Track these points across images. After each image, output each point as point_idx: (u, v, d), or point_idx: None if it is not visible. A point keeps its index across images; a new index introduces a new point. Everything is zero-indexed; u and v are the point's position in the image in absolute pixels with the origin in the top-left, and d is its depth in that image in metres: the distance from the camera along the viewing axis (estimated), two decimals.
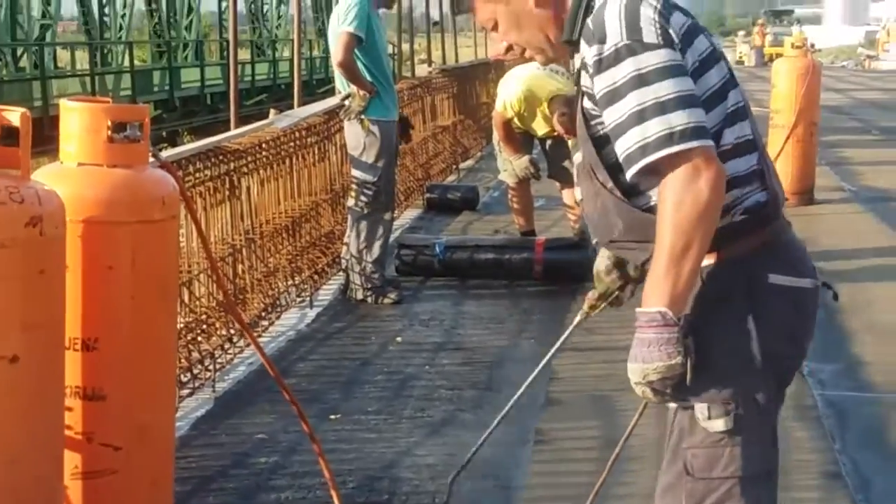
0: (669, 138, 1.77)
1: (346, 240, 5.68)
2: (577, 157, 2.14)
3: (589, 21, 1.90)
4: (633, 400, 2.27)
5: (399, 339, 5.30)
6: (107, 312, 2.60)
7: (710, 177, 1.79)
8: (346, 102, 5.48)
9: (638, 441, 2.52)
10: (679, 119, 1.78)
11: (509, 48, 2.14)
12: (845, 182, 10.17)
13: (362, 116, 5.35)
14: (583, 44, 1.92)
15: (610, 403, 4.15)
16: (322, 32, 22.51)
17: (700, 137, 1.78)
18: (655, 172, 1.81)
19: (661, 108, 1.79)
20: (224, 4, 23.56)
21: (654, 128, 1.79)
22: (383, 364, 4.94)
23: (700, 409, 1.94)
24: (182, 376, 4.11)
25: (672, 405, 1.98)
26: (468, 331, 5.28)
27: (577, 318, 2.63)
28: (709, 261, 1.93)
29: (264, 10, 28.53)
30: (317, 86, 22.86)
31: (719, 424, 1.94)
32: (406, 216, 8.27)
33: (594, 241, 2.25)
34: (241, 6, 23.98)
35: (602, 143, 1.95)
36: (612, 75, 1.83)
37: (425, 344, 5.23)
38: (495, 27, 2.09)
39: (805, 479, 3.67)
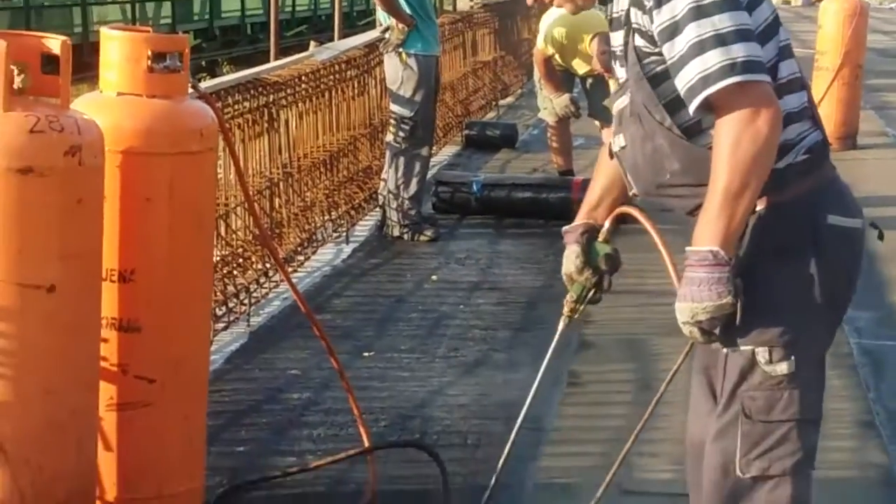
0: (731, 68, 1.79)
1: (383, 175, 5.76)
2: (620, 103, 2.12)
3: None
4: (666, 343, 2.25)
5: (434, 277, 5.32)
6: (144, 244, 2.61)
7: (769, 116, 1.80)
8: (386, 35, 5.53)
9: (671, 385, 2.52)
10: (739, 51, 1.81)
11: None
12: (889, 127, 10.16)
13: (400, 50, 5.40)
14: None
15: (643, 347, 4.19)
16: None
17: (759, 71, 1.81)
18: (716, 107, 1.84)
19: (721, 39, 1.81)
20: None
21: (715, 58, 1.81)
22: (418, 302, 4.99)
23: (761, 352, 1.95)
24: (217, 310, 4.17)
25: (723, 350, 2.01)
26: (504, 270, 5.29)
27: (560, 326, 2.51)
28: (764, 205, 1.95)
29: None
30: (357, 18, 22.47)
31: (783, 367, 1.95)
32: (444, 153, 8.28)
33: (631, 193, 2.22)
34: None
35: (658, 81, 1.96)
36: (672, 8, 1.85)
37: (460, 283, 5.26)
38: None
39: (838, 427, 3.67)
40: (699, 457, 2.19)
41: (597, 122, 6.64)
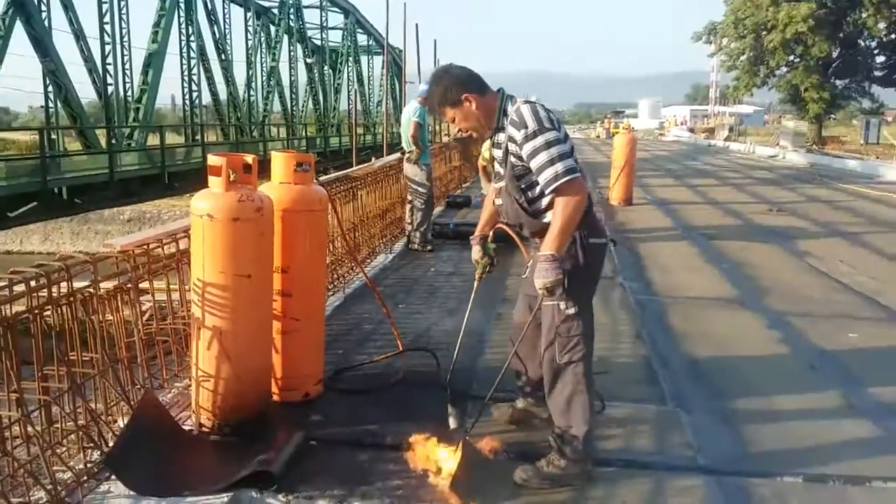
0: (567, 172, 2.82)
1: (407, 219, 8.41)
2: (498, 184, 3.12)
3: (514, 116, 2.92)
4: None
5: (432, 269, 7.16)
6: (292, 254, 3.58)
7: (583, 194, 2.87)
8: (408, 155, 8.15)
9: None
10: (568, 164, 2.84)
11: (460, 129, 3.20)
12: (647, 195, 14.82)
13: (418, 161, 8.09)
14: (511, 128, 2.93)
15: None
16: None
17: (577, 172, 2.86)
18: (558, 190, 2.80)
19: (560, 157, 2.83)
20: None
21: (560, 167, 2.82)
22: (424, 280, 6.70)
23: (565, 304, 2.96)
24: (329, 286, 5.76)
25: (547, 303, 2.97)
26: (466, 266, 6.69)
27: (475, 286, 3.50)
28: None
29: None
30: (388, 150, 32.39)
31: (572, 310, 2.98)
32: (438, 209, 11.01)
33: (504, 223, 3.23)
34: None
35: (520, 177, 2.98)
36: (534, 143, 2.86)
37: (445, 271, 7.12)
38: (454, 121, 3.13)
39: (623, 338, 5.07)
40: (518, 330, 3.24)
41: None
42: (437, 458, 3.06)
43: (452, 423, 3.30)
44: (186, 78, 26.87)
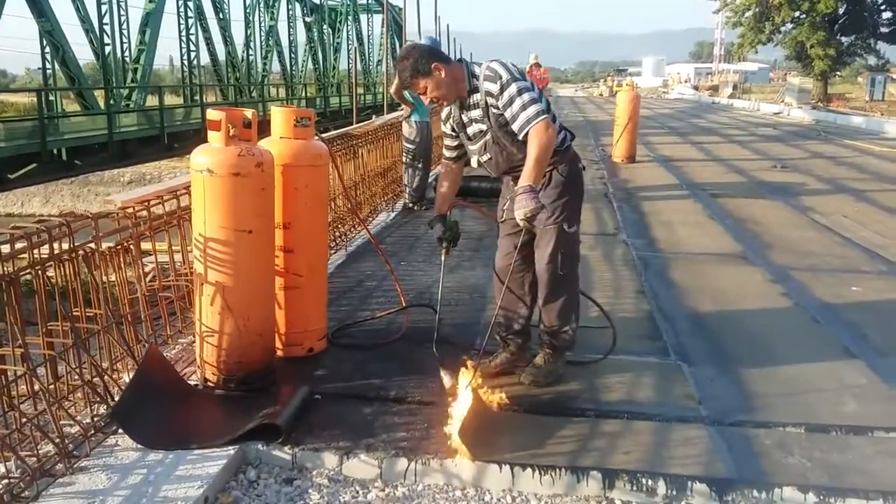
0: (538, 115, 3.14)
1: (404, 178, 8.42)
2: (480, 140, 3.37)
3: (486, 72, 3.20)
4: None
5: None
6: (294, 209, 3.60)
7: (553, 130, 3.16)
8: (402, 112, 8.34)
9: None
10: (539, 107, 3.16)
11: (431, 100, 3.33)
12: (650, 152, 14.73)
13: (408, 118, 7.99)
14: (487, 83, 3.21)
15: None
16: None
17: (546, 113, 3.18)
18: (532, 130, 3.11)
19: (532, 102, 3.16)
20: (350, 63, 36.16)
21: (531, 111, 3.15)
22: (424, 238, 6.58)
23: (567, 224, 3.38)
24: (331, 243, 5.77)
25: (550, 226, 3.34)
26: (467, 223, 6.74)
27: (442, 258, 3.74)
28: (551, 166, 3.28)
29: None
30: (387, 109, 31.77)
31: (573, 228, 3.43)
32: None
33: (493, 175, 3.50)
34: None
35: (506, 125, 3.24)
36: (509, 92, 3.19)
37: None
38: (426, 91, 3.29)
39: (626, 293, 5.14)
40: (503, 274, 3.50)
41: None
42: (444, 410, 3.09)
43: (447, 381, 3.34)
44: (184, 38, 26.62)
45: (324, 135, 6.62)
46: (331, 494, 2.76)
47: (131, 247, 3.50)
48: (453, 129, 3.51)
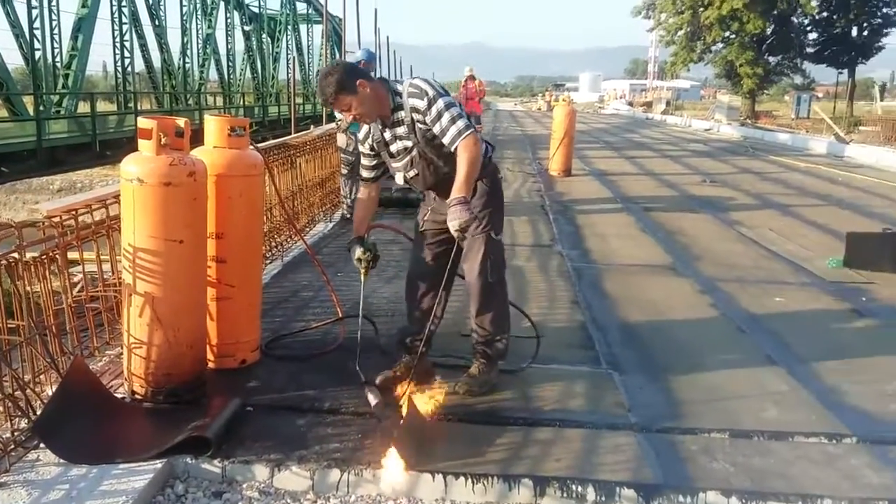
0: (467, 128, 3.24)
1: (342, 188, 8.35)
2: (405, 157, 3.40)
3: (411, 89, 3.26)
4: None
5: (372, 237, 6.72)
6: (227, 220, 3.56)
7: (479, 146, 3.27)
8: (338, 123, 7.88)
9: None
10: (465, 121, 3.26)
11: (354, 118, 3.34)
12: (586, 166, 15.13)
13: (347, 129, 7.63)
14: (412, 100, 3.25)
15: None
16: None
17: (473, 127, 3.27)
18: (461, 144, 3.19)
19: (460, 116, 3.26)
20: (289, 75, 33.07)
21: (461, 124, 3.24)
22: None
23: (495, 232, 3.47)
24: (267, 253, 5.70)
25: (477, 234, 3.40)
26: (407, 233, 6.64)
27: (362, 280, 3.75)
28: (480, 177, 3.36)
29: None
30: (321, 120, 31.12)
31: (500, 236, 3.52)
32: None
33: (420, 190, 3.57)
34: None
35: (433, 140, 3.30)
36: (437, 107, 3.25)
37: (383, 239, 6.60)
38: (348, 109, 3.28)
39: (560, 303, 5.23)
40: (417, 284, 3.59)
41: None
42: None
43: (372, 399, 3.34)
44: (118, 44, 26.01)
45: (261, 144, 6.60)
46: None
47: (57, 256, 3.39)
48: (372, 149, 3.53)
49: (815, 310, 5.32)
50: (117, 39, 25.87)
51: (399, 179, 3.50)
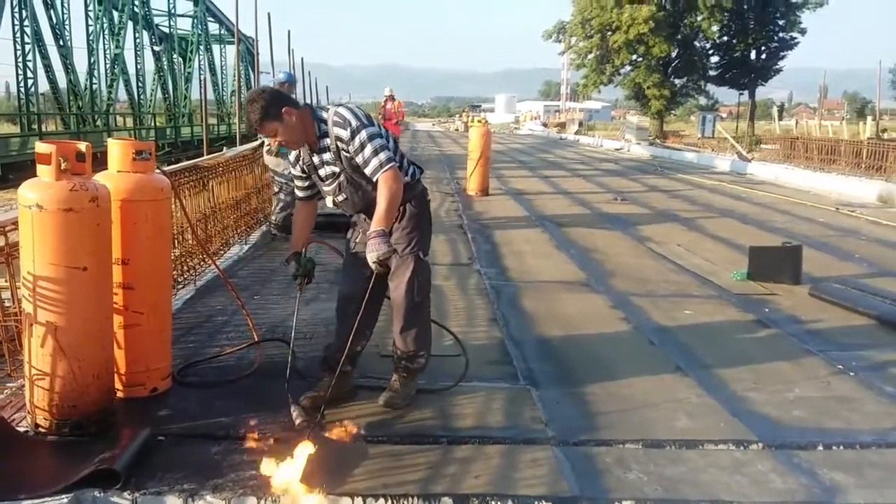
0: (389, 160, 3.29)
1: (273, 207, 8.30)
2: (333, 183, 3.44)
3: (335, 118, 3.28)
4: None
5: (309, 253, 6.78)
6: (133, 245, 3.47)
7: (400, 179, 3.32)
8: (268, 147, 7.86)
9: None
10: (388, 154, 3.30)
11: (279, 143, 3.37)
12: (503, 185, 15.33)
13: (279, 152, 7.57)
14: (336, 129, 3.28)
15: None
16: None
17: (393, 159, 3.32)
18: (382, 175, 3.25)
19: (382, 148, 3.30)
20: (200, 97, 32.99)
21: (382, 157, 3.28)
22: (281, 271, 6.22)
23: (423, 253, 3.54)
24: (178, 279, 5.51)
25: (407, 253, 3.46)
26: (325, 256, 6.11)
27: (298, 295, 3.80)
28: (405, 201, 3.38)
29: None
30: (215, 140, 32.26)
31: (427, 257, 3.59)
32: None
33: (349, 213, 3.61)
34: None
35: (357, 167, 3.35)
36: (360, 138, 3.29)
37: None
38: (274, 135, 3.31)
39: (478, 321, 5.28)
40: (348, 303, 3.53)
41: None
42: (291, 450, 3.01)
43: (298, 420, 3.30)
44: (21, 64, 25.13)
45: (171, 167, 6.46)
46: None
47: None
48: (303, 171, 3.56)
49: (721, 321, 5.53)
50: (20, 59, 25.01)
51: (329, 203, 3.54)
